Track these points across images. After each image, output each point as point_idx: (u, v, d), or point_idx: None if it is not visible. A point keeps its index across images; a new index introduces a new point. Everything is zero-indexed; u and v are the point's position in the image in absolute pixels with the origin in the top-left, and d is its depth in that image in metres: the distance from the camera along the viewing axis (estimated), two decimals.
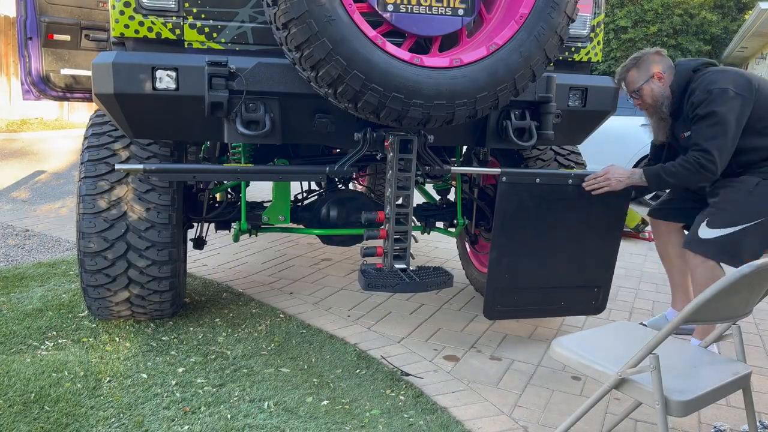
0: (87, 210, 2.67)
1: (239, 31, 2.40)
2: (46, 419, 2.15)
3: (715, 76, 2.56)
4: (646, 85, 2.69)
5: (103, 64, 2.28)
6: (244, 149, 3.22)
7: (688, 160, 2.50)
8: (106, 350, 2.72)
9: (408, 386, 2.53)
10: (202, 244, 3.36)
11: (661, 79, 2.68)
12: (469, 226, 3.68)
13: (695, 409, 1.80)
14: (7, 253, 4.32)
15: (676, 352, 2.04)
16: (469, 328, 3.25)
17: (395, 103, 2.16)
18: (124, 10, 2.29)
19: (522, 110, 2.69)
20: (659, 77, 2.68)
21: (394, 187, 2.60)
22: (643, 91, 2.70)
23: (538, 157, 3.34)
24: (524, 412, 2.40)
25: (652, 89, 2.69)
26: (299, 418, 2.25)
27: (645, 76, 2.69)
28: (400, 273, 2.66)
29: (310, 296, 3.63)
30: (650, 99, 2.70)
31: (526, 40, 2.24)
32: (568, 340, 2.04)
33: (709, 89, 2.51)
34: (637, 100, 2.75)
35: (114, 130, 2.83)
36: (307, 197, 3.66)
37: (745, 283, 1.67)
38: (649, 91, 2.69)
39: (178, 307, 3.06)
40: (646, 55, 2.70)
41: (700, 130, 2.51)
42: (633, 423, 2.34)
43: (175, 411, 2.25)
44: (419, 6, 2.29)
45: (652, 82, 2.68)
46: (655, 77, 2.68)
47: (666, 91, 2.68)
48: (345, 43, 2.05)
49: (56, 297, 3.35)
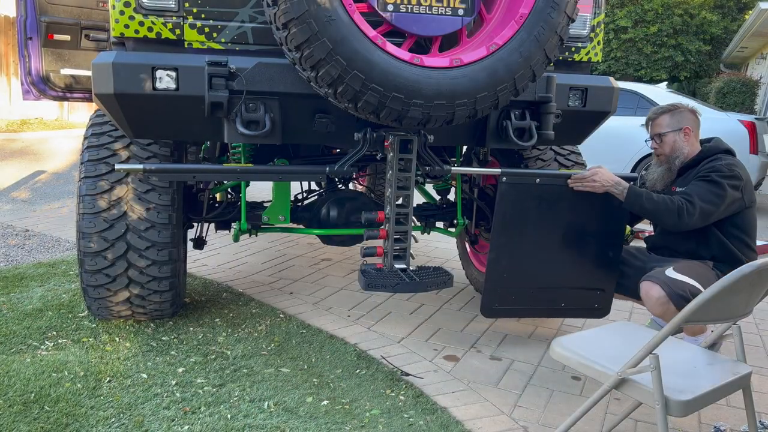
0: (87, 210, 2.67)
1: (239, 31, 2.40)
2: (46, 419, 2.15)
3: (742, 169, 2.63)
4: (672, 134, 2.72)
5: (103, 64, 2.27)
6: (244, 149, 3.23)
7: (674, 200, 2.53)
8: (106, 350, 2.72)
9: (408, 386, 2.53)
10: (202, 244, 3.36)
11: (687, 135, 2.71)
12: (469, 226, 3.67)
13: (695, 409, 1.80)
14: (7, 253, 4.32)
15: (676, 352, 2.04)
16: (469, 328, 3.25)
17: (395, 103, 2.15)
18: (124, 10, 2.29)
19: (522, 110, 2.69)
20: (687, 132, 2.71)
21: (394, 187, 2.60)
22: (667, 138, 2.73)
23: (538, 157, 3.34)
24: (524, 412, 2.40)
25: (675, 140, 2.71)
26: (299, 418, 2.25)
27: (675, 126, 2.72)
28: (400, 273, 2.66)
29: (310, 296, 3.63)
30: (669, 148, 2.73)
31: (526, 40, 2.23)
32: (568, 340, 2.04)
33: (734, 171, 2.57)
34: (657, 144, 2.77)
35: (114, 130, 2.83)
36: (307, 197, 3.66)
37: (745, 283, 1.67)
38: (672, 140, 2.72)
39: (178, 307, 3.06)
40: (685, 109, 2.74)
41: (700, 188, 2.55)
42: (633, 423, 2.34)
43: (175, 411, 2.25)
44: (419, 6, 2.29)
45: (679, 134, 2.71)
46: (683, 131, 2.71)
47: (686, 148, 2.71)
48: (345, 43, 2.05)
49: (56, 297, 3.35)
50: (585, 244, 2.80)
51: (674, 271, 2.54)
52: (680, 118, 2.72)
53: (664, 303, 2.47)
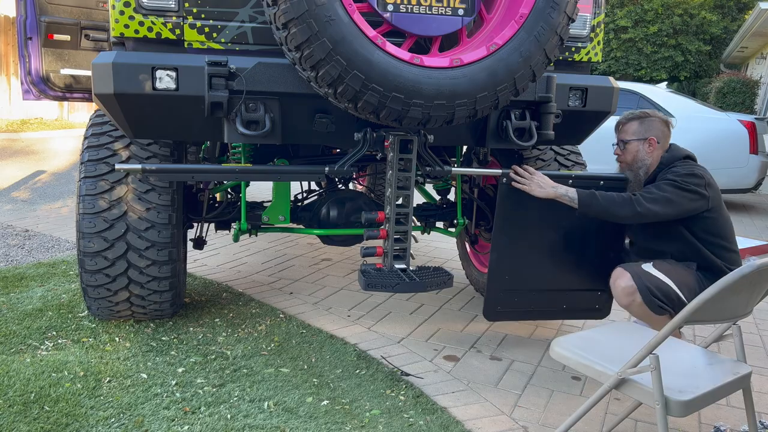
0: (87, 210, 2.67)
1: (239, 31, 2.40)
2: (46, 419, 2.15)
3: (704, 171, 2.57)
4: (637, 143, 2.66)
5: (103, 64, 2.27)
6: (244, 149, 3.23)
7: (627, 194, 2.52)
8: (106, 350, 2.72)
9: (408, 386, 2.53)
10: (202, 244, 3.36)
11: (652, 146, 2.65)
12: (469, 226, 3.68)
13: (695, 409, 1.80)
14: (7, 253, 4.32)
15: (676, 352, 2.04)
16: (469, 328, 3.25)
17: (395, 103, 2.15)
18: (124, 10, 2.29)
19: (522, 110, 2.69)
20: (651, 143, 2.64)
21: (394, 187, 2.60)
22: (630, 146, 2.67)
23: (538, 157, 3.34)
24: (524, 412, 2.40)
25: (639, 149, 2.65)
26: (299, 418, 2.25)
27: (641, 135, 2.65)
28: (400, 273, 2.66)
29: (310, 296, 3.63)
30: (631, 157, 2.68)
31: (526, 40, 2.23)
32: (568, 340, 2.04)
33: (693, 170, 2.52)
34: (620, 150, 2.72)
35: (114, 130, 2.83)
36: (307, 197, 3.66)
37: (745, 283, 1.67)
38: (635, 149, 2.66)
39: (178, 307, 3.06)
40: (656, 118, 2.67)
41: (658, 186, 2.50)
42: (633, 423, 2.34)
43: (175, 411, 2.25)
44: (419, 6, 2.29)
45: (643, 144, 2.65)
46: (648, 141, 2.64)
47: (648, 159, 2.65)
48: (345, 43, 2.05)
49: (56, 297, 3.35)
50: (586, 245, 2.80)
51: (652, 266, 2.54)
52: (648, 127, 2.64)
53: (630, 293, 2.48)
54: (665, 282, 2.46)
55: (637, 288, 2.45)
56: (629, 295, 2.49)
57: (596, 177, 2.76)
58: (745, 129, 7.09)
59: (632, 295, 2.47)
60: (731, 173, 6.99)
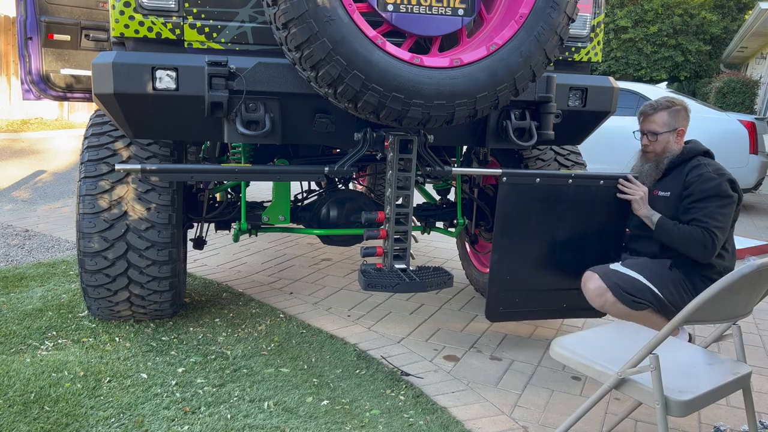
0: (87, 210, 2.67)
1: (239, 31, 2.40)
2: (46, 419, 2.15)
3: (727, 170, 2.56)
4: (667, 135, 2.61)
5: (103, 64, 2.27)
6: (244, 149, 3.23)
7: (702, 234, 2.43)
8: (106, 350, 2.72)
9: (408, 386, 2.53)
10: (202, 244, 3.36)
11: (680, 136, 2.63)
12: (469, 226, 3.68)
13: (695, 409, 1.80)
14: (7, 253, 4.32)
15: (676, 352, 2.04)
16: (469, 328, 3.25)
17: (395, 103, 2.15)
18: (124, 10, 2.29)
19: (522, 110, 2.69)
20: (680, 134, 2.63)
21: (394, 187, 2.60)
22: (661, 137, 2.62)
23: (538, 157, 3.34)
24: (524, 412, 2.40)
25: (669, 141, 2.62)
26: (299, 418, 2.25)
27: (671, 126, 2.61)
28: (400, 273, 2.66)
29: (310, 296, 3.63)
30: (661, 148, 2.63)
31: (526, 40, 2.24)
32: (568, 340, 2.04)
33: (724, 173, 2.51)
34: (649, 141, 2.65)
35: (114, 130, 2.83)
36: (307, 197, 3.66)
37: (745, 283, 1.67)
38: (666, 140, 2.62)
39: (178, 307, 3.06)
40: (681, 107, 2.63)
41: (708, 210, 2.45)
42: (633, 423, 2.34)
43: (175, 411, 2.25)
44: (419, 6, 2.29)
45: (673, 135, 2.61)
46: (677, 132, 2.62)
47: (676, 150, 2.62)
48: (345, 43, 2.05)
49: (56, 297, 3.35)
50: (587, 244, 2.80)
51: (620, 264, 2.58)
52: (677, 118, 2.62)
53: (601, 293, 2.50)
54: (634, 277, 2.49)
55: (607, 286, 2.48)
56: (600, 296, 2.51)
57: (596, 177, 2.76)
58: (745, 129, 7.10)
59: (603, 295, 2.50)
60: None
